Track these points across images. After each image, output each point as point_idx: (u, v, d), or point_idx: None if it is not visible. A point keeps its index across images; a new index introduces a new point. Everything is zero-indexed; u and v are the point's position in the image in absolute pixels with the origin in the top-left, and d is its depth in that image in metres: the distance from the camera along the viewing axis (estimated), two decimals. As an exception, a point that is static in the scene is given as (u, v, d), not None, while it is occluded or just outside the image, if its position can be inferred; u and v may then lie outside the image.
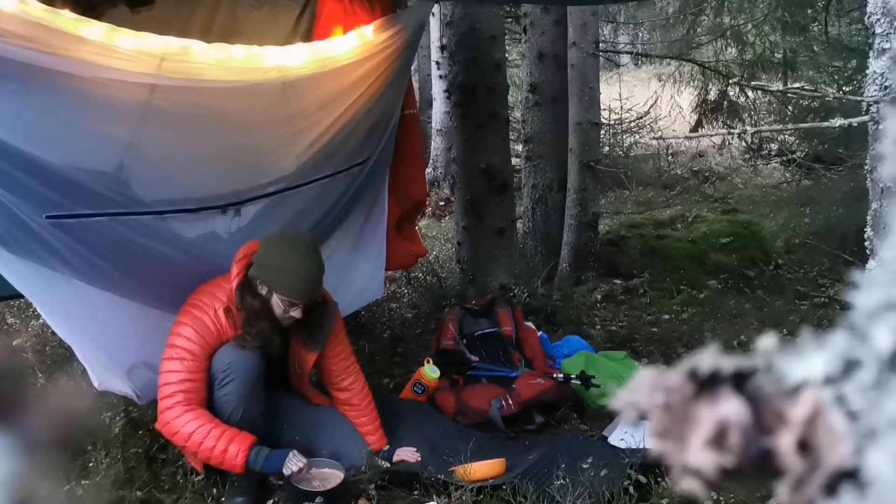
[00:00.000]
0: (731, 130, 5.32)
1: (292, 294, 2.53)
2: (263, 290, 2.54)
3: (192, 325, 2.52)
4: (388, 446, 2.87)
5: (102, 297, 2.58)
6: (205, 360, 2.52)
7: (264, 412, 2.67)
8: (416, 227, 4.25)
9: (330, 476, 2.60)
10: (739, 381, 0.39)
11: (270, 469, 2.49)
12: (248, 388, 2.56)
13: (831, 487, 0.37)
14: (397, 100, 3.53)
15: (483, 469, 2.67)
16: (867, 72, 1.65)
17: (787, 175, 7.28)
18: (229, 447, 2.43)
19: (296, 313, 2.56)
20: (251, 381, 2.57)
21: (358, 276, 3.57)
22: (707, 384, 0.40)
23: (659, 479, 2.53)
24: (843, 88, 5.81)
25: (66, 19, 2.12)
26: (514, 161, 5.67)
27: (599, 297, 4.75)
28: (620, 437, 2.85)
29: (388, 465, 2.77)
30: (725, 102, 8.10)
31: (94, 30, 2.18)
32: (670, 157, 9.21)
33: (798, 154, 6.49)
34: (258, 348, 2.59)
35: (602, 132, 6.76)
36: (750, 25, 7.35)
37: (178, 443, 2.50)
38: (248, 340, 2.54)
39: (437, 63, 8.14)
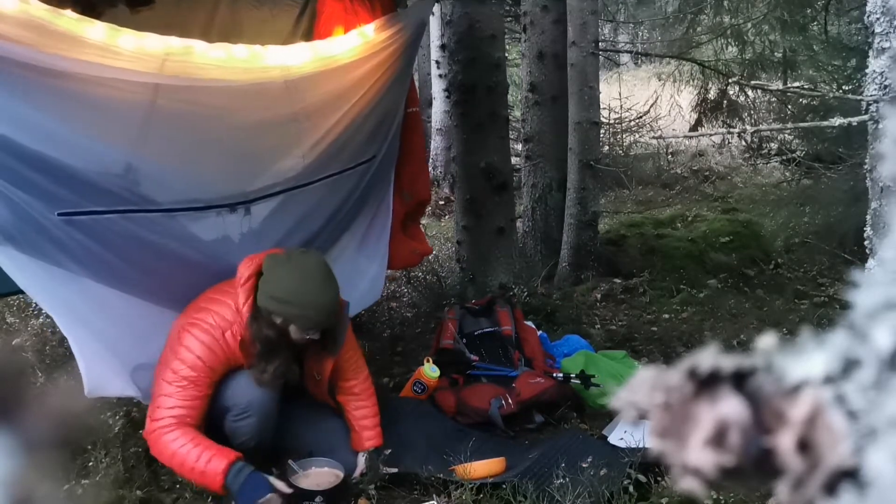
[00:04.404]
0: (731, 129, 5.31)
1: (313, 325, 2.47)
2: (279, 321, 2.43)
3: (196, 351, 2.42)
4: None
5: (112, 296, 2.57)
6: (207, 387, 2.45)
7: (275, 433, 2.67)
8: (420, 226, 4.25)
9: (330, 475, 2.61)
10: (739, 381, 0.39)
11: (249, 497, 2.35)
12: (266, 425, 2.55)
13: (831, 487, 0.37)
14: (401, 98, 3.53)
15: (483, 468, 2.67)
16: (867, 71, 1.65)
17: (787, 174, 7.28)
18: (208, 467, 2.34)
19: (314, 336, 2.50)
20: (269, 418, 2.56)
21: (362, 278, 3.54)
22: (707, 383, 0.40)
23: (659, 479, 2.53)
24: (843, 87, 5.81)
25: (68, 19, 2.12)
26: (513, 160, 5.67)
27: (599, 296, 4.75)
28: (620, 436, 2.85)
29: (390, 470, 2.72)
30: (725, 101, 8.11)
31: (95, 30, 2.18)
32: (670, 157, 9.21)
33: (798, 153, 6.49)
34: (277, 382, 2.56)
35: (602, 131, 6.76)
36: (749, 24, 7.35)
37: (161, 461, 2.45)
38: (265, 375, 2.48)
39: (437, 62, 8.15)
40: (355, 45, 3.00)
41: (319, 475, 2.61)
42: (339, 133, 3.08)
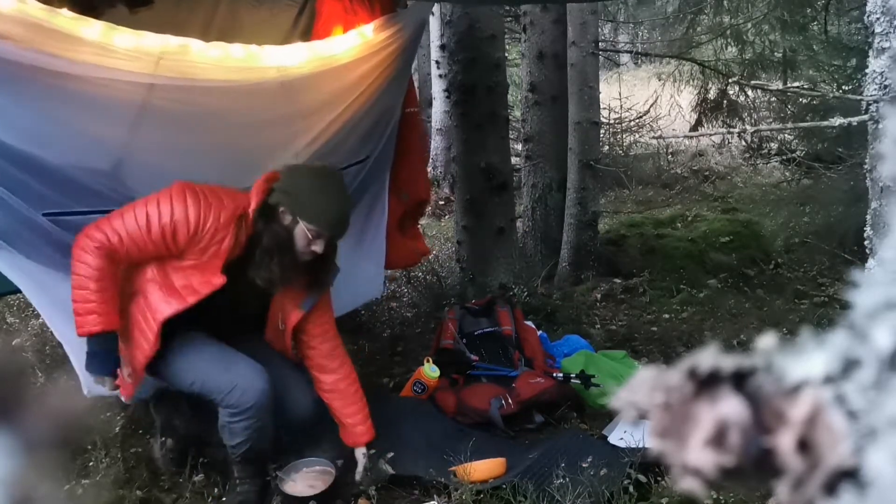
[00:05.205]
0: (731, 129, 5.31)
1: (324, 225, 2.36)
2: (287, 220, 2.36)
3: (176, 208, 2.28)
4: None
5: None
6: (158, 244, 2.30)
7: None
8: (419, 226, 4.25)
9: (322, 476, 2.57)
10: (739, 381, 0.39)
11: (90, 366, 2.30)
12: (265, 426, 2.47)
13: (831, 487, 0.37)
14: (398, 99, 3.53)
15: (483, 470, 2.66)
16: (867, 71, 1.64)
17: (787, 174, 7.28)
18: (87, 317, 2.25)
19: (318, 247, 2.38)
20: (270, 420, 2.49)
21: (360, 275, 3.53)
22: (707, 383, 0.40)
23: (659, 479, 2.53)
24: (843, 87, 5.81)
25: (65, 18, 2.13)
26: (513, 160, 5.67)
27: (599, 296, 4.75)
28: (620, 436, 2.85)
29: (388, 469, 2.68)
30: (725, 101, 8.11)
31: (91, 29, 2.19)
32: (670, 157, 9.21)
33: (798, 153, 6.49)
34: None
35: (602, 131, 6.76)
36: (749, 24, 7.35)
37: (71, 266, 2.29)
38: (274, 270, 2.36)
39: (437, 62, 8.14)
40: (354, 44, 2.99)
41: (311, 476, 2.58)
42: (333, 133, 3.07)
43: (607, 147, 8.44)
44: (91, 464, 2.68)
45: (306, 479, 2.57)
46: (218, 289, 2.37)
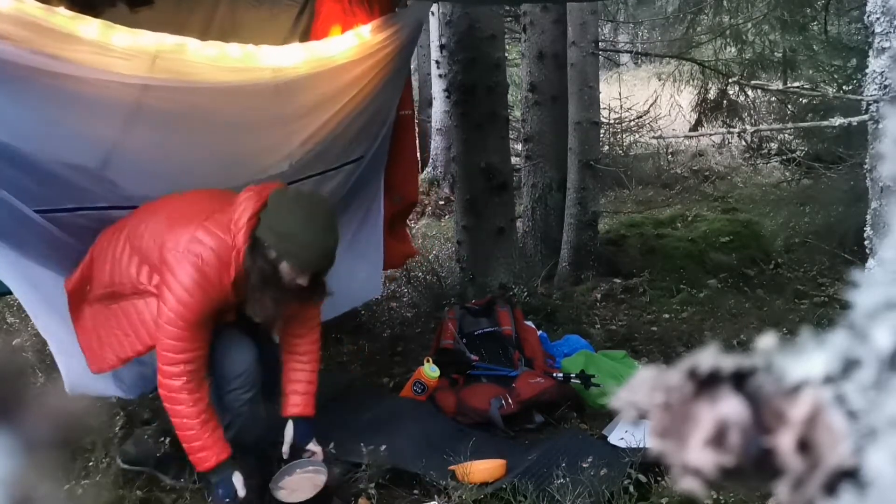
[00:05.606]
0: (731, 129, 5.32)
1: (304, 266, 2.35)
2: (272, 255, 2.32)
3: (191, 292, 2.30)
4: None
5: None
6: (207, 324, 2.37)
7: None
8: (407, 228, 4.25)
9: (314, 478, 2.55)
10: (739, 381, 0.39)
11: (223, 491, 2.40)
12: (255, 399, 2.50)
13: (831, 487, 0.37)
14: (393, 100, 3.53)
15: (483, 471, 2.66)
16: (867, 71, 1.64)
17: (787, 174, 7.28)
18: (201, 454, 2.35)
19: (303, 281, 2.38)
20: (259, 398, 2.52)
21: (355, 276, 3.53)
22: (707, 383, 0.40)
23: (659, 479, 2.53)
24: (843, 87, 5.80)
25: (62, 17, 2.13)
26: (513, 160, 5.67)
27: (599, 296, 4.75)
28: (620, 436, 2.85)
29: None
30: (725, 101, 8.10)
31: (89, 27, 2.19)
32: (670, 157, 9.20)
33: (798, 153, 6.49)
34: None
35: (602, 131, 6.76)
36: (749, 24, 7.34)
37: (166, 408, 2.36)
38: (267, 305, 2.37)
39: (437, 62, 8.13)
40: (351, 45, 2.99)
41: (303, 480, 2.56)
42: (327, 133, 3.07)
43: (607, 147, 8.43)
44: (91, 464, 2.68)
45: (300, 481, 2.55)
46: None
